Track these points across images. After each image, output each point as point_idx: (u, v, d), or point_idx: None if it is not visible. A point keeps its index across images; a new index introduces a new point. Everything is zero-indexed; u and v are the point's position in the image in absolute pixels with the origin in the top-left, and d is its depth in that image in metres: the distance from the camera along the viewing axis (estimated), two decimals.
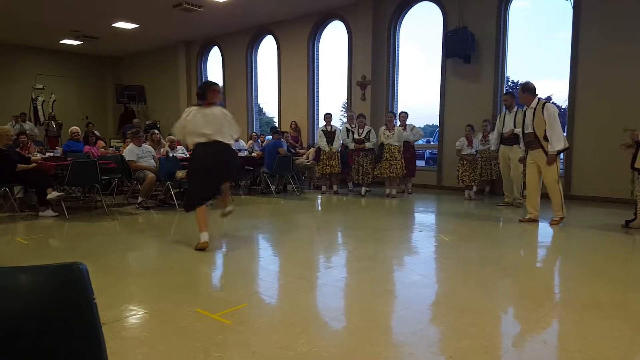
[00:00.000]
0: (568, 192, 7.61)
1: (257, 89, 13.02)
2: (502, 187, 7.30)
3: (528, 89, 5.58)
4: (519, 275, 3.63)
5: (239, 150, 9.12)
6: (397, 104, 10.20)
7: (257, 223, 6.05)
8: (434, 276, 3.74)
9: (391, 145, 8.09)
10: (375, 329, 2.52)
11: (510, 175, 7.02)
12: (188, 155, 8.14)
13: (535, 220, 5.66)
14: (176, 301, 2.92)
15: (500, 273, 3.64)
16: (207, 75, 14.30)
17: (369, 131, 8.30)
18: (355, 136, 8.29)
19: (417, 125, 8.93)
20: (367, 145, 8.23)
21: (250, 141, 10.57)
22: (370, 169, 8.27)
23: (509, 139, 6.86)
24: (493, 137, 7.47)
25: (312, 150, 9.62)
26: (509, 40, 8.66)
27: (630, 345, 2.34)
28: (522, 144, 5.98)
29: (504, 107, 7.30)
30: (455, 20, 8.84)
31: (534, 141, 5.53)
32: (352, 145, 8.30)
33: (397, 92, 10.24)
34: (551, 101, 9.41)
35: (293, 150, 9.74)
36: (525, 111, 5.72)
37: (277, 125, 11.76)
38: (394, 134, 8.17)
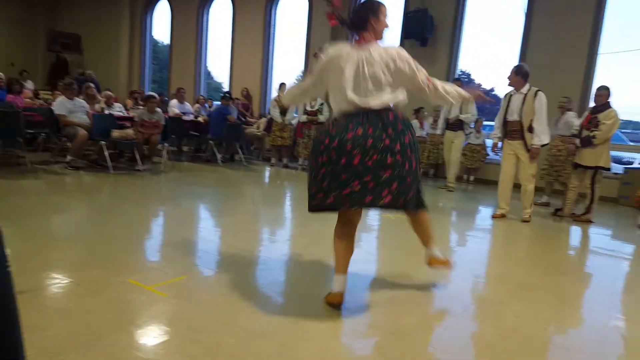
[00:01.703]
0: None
1: (206, 51, 12.39)
2: (445, 171, 7.47)
3: (522, 72, 4.99)
4: (458, 256, 3.69)
5: (184, 113, 8.66)
6: None
7: (200, 192, 5.78)
8: (378, 253, 3.75)
9: None
10: (319, 303, 2.44)
11: (450, 159, 7.16)
12: (127, 114, 7.62)
13: (505, 216, 5.25)
14: (106, 270, 2.68)
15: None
16: (152, 31, 13.44)
17: (322, 104, 8.04)
18: (308, 108, 8.01)
19: None
20: (321, 118, 7.96)
21: (197, 105, 10.07)
22: None
23: (454, 125, 6.97)
24: (440, 121, 7.58)
25: (263, 120, 9.33)
26: (465, 27, 8.76)
27: (557, 324, 2.43)
28: (497, 131, 5.29)
29: None
30: (417, 1, 8.78)
31: (517, 131, 5.03)
32: (304, 118, 8.06)
33: None
34: (493, 92, 9.68)
35: (243, 119, 9.40)
36: (511, 96, 5.10)
37: (228, 91, 11.29)
38: None
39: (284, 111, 8.26)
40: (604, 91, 5.31)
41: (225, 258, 3.22)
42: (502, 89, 6.37)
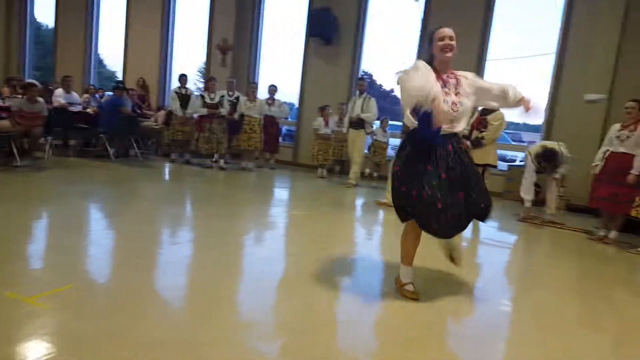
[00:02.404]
0: None
1: (97, 36, 11.38)
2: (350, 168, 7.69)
3: None
4: (362, 248, 3.80)
5: (70, 104, 7.84)
6: (258, 75, 9.95)
7: (89, 190, 5.25)
8: (285, 251, 3.71)
9: (252, 117, 7.83)
10: (223, 309, 2.34)
11: (352, 157, 7.38)
12: (2, 103, 6.71)
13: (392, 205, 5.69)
14: None
15: (346, 248, 3.77)
16: (33, 13, 12.00)
17: (223, 96, 7.75)
18: (207, 100, 7.64)
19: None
20: (222, 111, 7.67)
21: (86, 95, 9.19)
22: (224, 138, 7.83)
23: (356, 123, 7.20)
24: (345, 119, 7.77)
25: (162, 112, 8.79)
26: (367, 28, 9.07)
27: (452, 313, 2.61)
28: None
29: (357, 91, 7.61)
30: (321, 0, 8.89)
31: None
32: (203, 111, 7.67)
33: (259, 62, 9.97)
34: (393, 93, 10.15)
35: (139, 111, 8.77)
36: None
37: (121, 80, 10.46)
38: (255, 105, 7.92)
39: (184, 104, 7.83)
40: None
41: (119, 263, 2.96)
42: None
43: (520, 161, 10.80)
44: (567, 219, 6.21)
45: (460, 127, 2.60)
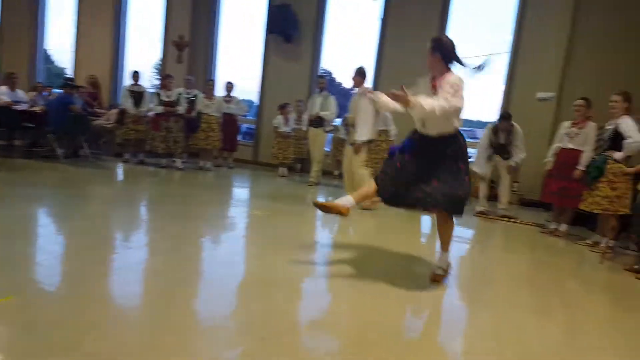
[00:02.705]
0: None
1: (44, 31, 10.80)
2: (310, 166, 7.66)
3: (360, 72, 5.67)
4: (324, 248, 3.78)
5: (16, 102, 7.40)
6: (216, 72, 9.74)
7: (36, 193, 4.95)
8: (244, 253, 3.63)
9: (210, 115, 7.65)
10: (180, 316, 2.25)
11: (313, 155, 7.37)
12: None
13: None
14: None
15: (307, 249, 3.74)
16: None
17: (180, 94, 7.52)
18: (164, 98, 7.39)
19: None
20: (179, 109, 7.44)
21: (33, 93, 8.70)
22: (181, 137, 7.59)
23: (315, 122, 7.18)
24: (304, 117, 7.73)
25: (114, 111, 8.43)
26: (326, 26, 9.06)
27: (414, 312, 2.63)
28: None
29: (317, 89, 7.58)
30: None
31: (353, 126, 5.67)
32: (159, 109, 7.39)
33: (216, 59, 9.76)
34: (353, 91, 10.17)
35: (89, 109, 8.38)
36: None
37: (71, 77, 9.98)
38: (213, 103, 7.75)
39: (138, 102, 7.55)
40: None
41: (69, 270, 2.80)
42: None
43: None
44: (521, 213, 6.43)
45: (433, 130, 2.92)
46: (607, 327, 2.77)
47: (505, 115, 6.03)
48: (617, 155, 4.54)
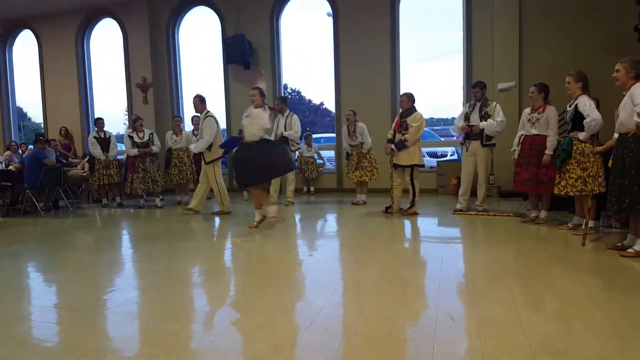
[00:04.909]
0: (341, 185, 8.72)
1: (13, 91, 11.06)
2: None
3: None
4: (313, 270, 3.98)
5: None
6: (182, 108, 10.01)
7: (19, 250, 5.09)
8: (231, 283, 3.60)
9: (179, 150, 7.91)
10: (170, 354, 2.24)
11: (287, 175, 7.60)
12: None
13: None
14: None
15: (291, 271, 3.92)
16: None
17: (152, 134, 7.80)
18: (137, 140, 7.63)
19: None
20: (154, 148, 7.69)
21: (7, 152, 8.92)
22: (159, 176, 7.78)
23: (281, 142, 7.41)
24: (272, 137, 7.96)
25: (86, 159, 8.68)
26: (282, 48, 9.41)
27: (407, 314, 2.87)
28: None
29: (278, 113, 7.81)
30: (233, 27, 9.16)
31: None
32: (134, 152, 7.68)
33: (181, 96, 10.04)
34: (323, 106, 10.49)
35: (65, 160, 8.62)
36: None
37: (43, 132, 10.22)
38: (181, 138, 8.01)
39: (105, 147, 7.82)
40: (404, 97, 6.19)
41: (57, 322, 2.88)
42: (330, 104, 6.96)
43: (451, 155, 11.36)
44: (501, 205, 6.51)
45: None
46: (593, 309, 2.67)
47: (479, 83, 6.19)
48: (582, 135, 4.52)
